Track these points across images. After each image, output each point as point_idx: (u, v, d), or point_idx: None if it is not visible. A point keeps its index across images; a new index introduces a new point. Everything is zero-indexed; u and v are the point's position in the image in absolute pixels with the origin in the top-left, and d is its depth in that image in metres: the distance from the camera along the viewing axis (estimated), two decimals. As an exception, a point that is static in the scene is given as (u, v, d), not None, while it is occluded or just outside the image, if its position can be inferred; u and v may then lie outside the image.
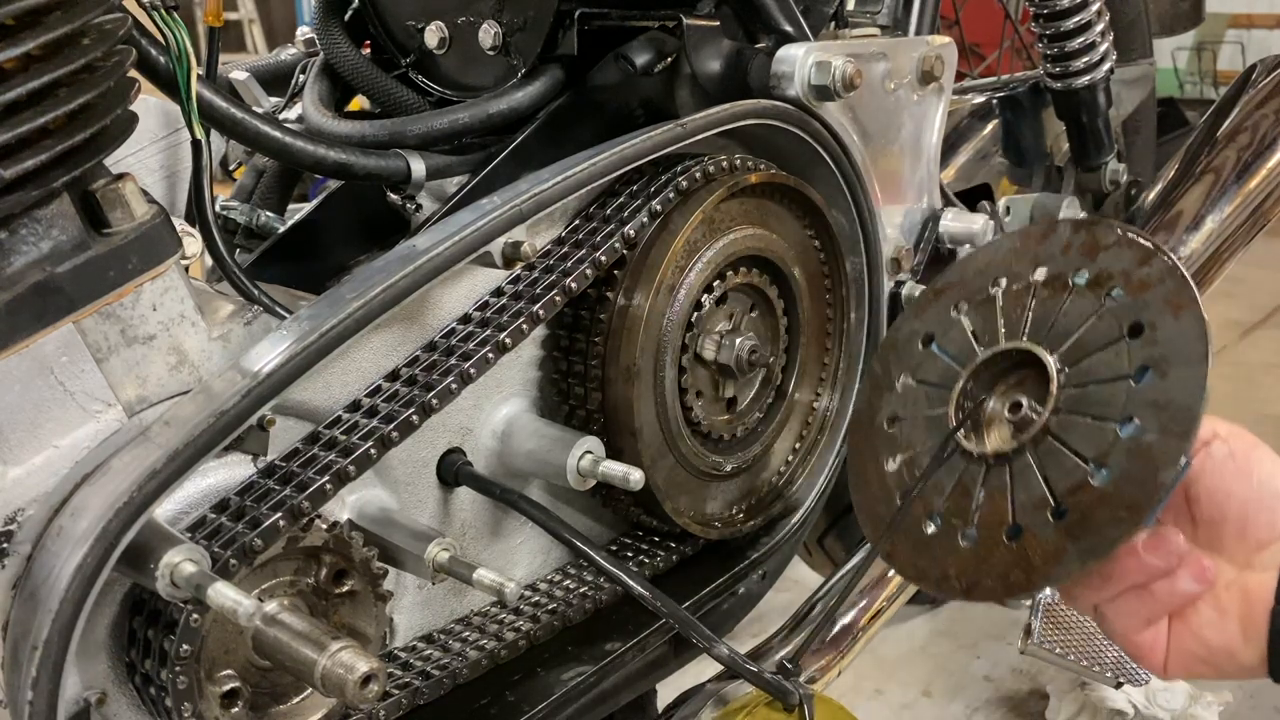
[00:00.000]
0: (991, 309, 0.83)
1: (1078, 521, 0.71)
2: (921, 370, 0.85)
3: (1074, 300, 0.79)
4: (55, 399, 0.74)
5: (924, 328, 0.86)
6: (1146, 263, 0.77)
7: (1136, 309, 0.75)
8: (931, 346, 0.85)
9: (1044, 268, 0.82)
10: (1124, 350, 0.75)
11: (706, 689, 1.05)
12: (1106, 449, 0.72)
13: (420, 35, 1.12)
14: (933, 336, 0.85)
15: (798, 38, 1.10)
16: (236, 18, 6.77)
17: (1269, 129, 1.54)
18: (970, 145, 1.55)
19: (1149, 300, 0.75)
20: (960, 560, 0.76)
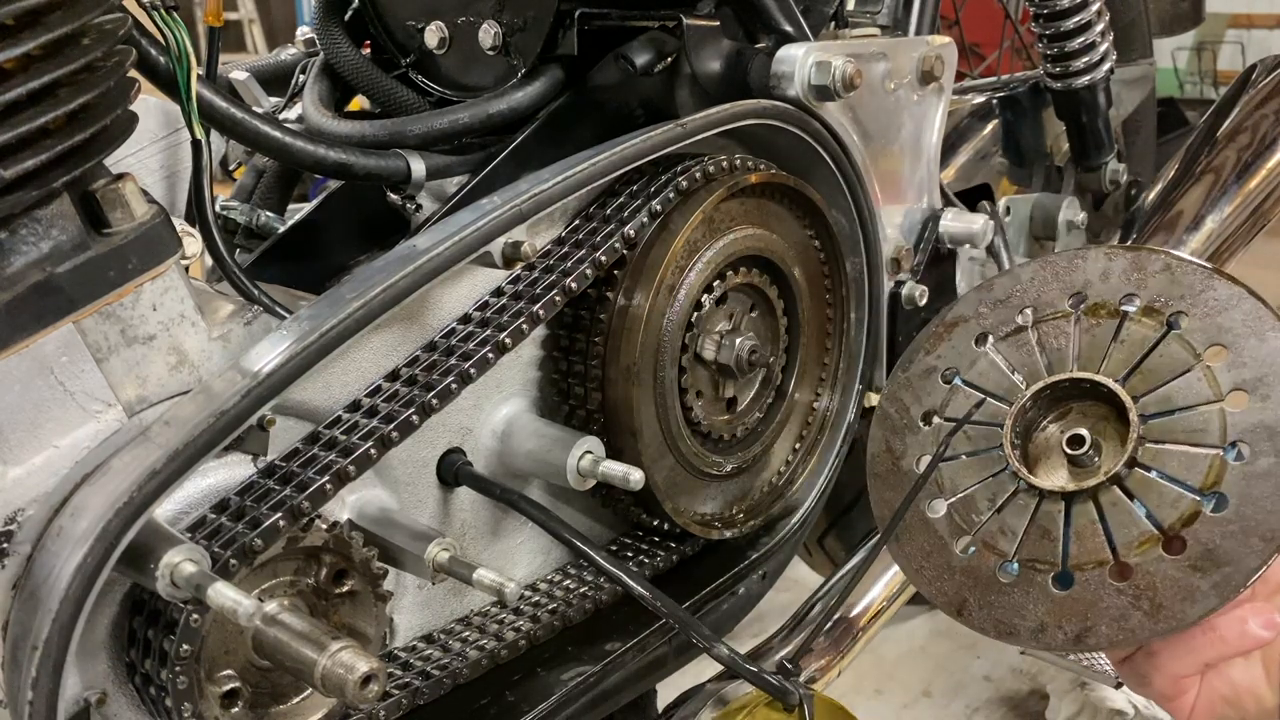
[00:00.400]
0: (1026, 341, 0.79)
1: (1202, 554, 0.67)
2: (953, 408, 0.81)
3: (1131, 329, 0.76)
4: (55, 399, 0.74)
5: (941, 363, 0.83)
6: (1210, 287, 0.74)
7: (1210, 334, 0.73)
8: (956, 382, 0.81)
9: (1081, 297, 0.79)
10: (1205, 376, 0.72)
11: (706, 689, 1.05)
12: (1215, 477, 0.68)
13: (420, 35, 1.12)
14: (956, 372, 0.82)
15: (798, 38, 1.10)
16: (236, 18, 6.77)
17: (1269, 129, 1.54)
18: (970, 145, 1.54)
19: (1224, 325, 0.73)
20: (1058, 607, 0.71)
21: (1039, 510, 0.74)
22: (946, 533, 0.77)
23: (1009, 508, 0.74)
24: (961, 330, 0.83)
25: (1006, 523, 0.74)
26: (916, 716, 1.85)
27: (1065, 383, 0.77)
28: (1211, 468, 0.68)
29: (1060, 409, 0.77)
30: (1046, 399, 0.78)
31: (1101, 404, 0.77)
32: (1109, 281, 0.78)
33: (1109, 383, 0.74)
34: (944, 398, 0.82)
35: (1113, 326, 0.77)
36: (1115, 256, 0.79)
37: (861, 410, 1.24)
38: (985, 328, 0.82)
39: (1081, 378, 0.76)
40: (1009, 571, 0.73)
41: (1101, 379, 0.75)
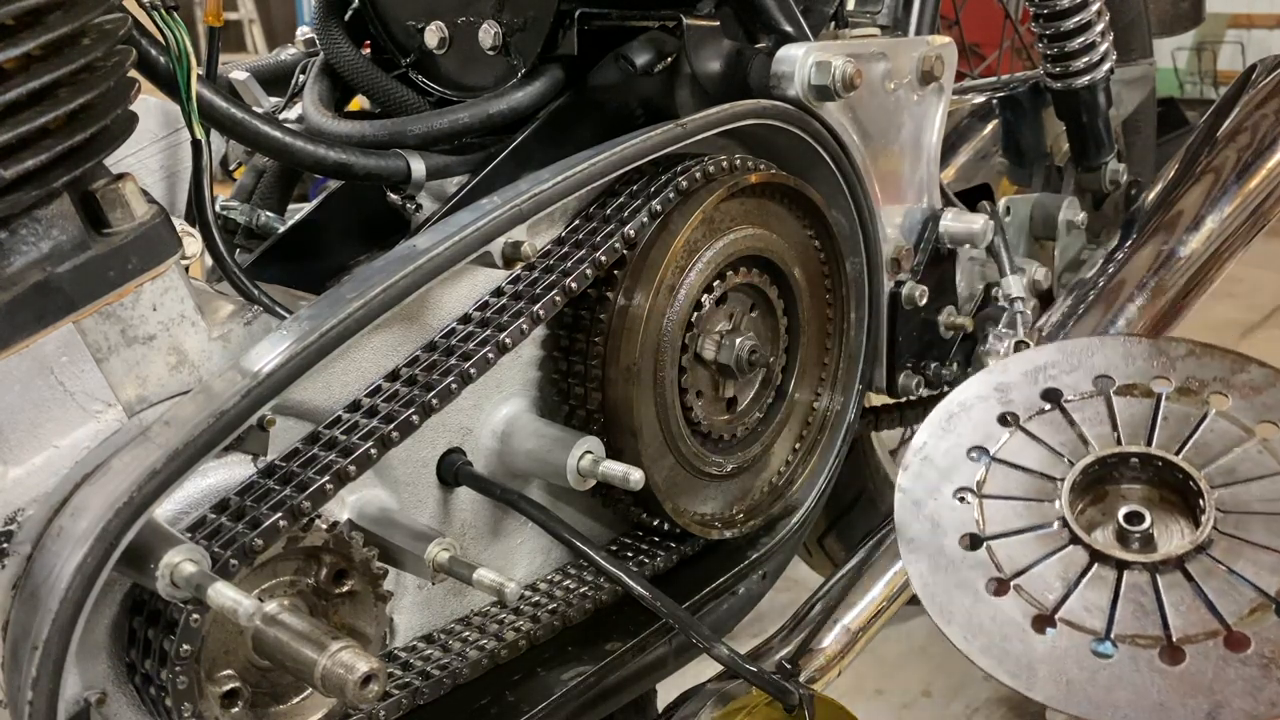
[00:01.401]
0: (1056, 420, 0.78)
1: None
2: (991, 484, 0.79)
3: (1170, 408, 0.75)
4: (55, 399, 0.74)
5: (964, 442, 0.81)
6: (1243, 370, 0.75)
7: (1257, 411, 0.73)
8: (984, 459, 0.80)
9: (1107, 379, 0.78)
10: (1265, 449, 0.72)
11: (706, 689, 1.05)
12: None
13: (420, 35, 1.12)
14: (984, 450, 0.80)
15: (798, 38, 1.10)
16: (236, 18, 6.77)
17: (1269, 129, 1.53)
18: (970, 145, 1.54)
19: (1269, 403, 0.73)
20: (1177, 684, 0.66)
21: (1124, 584, 0.71)
22: (1017, 612, 0.72)
23: (1086, 582, 0.71)
24: (982, 409, 0.82)
25: (1088, 598, 0.70)
26: (916, 716, 1.85)
27: (1112, 459, 0.75)
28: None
29: (1095, 491, 0.76)
30: (1085, 482, 0.76)
31: (1145, 485, 0.75)
32: (1134, 364, 0.78)
33: (1168, 456, 0.73)
34: (979, 475, 0.80)
35: (1148, 406, 0.76)
36: (1136, 343, 0.80)
37: (861, 410, 1.24)
38: (1011, 408, 0.81)
39: (1135, 452, 0.75)
40: (1105, 651, 0.69)
41: (1160, 452, 0.74)
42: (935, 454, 0.82)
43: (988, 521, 0.77)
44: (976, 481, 0.79)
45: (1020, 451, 0.79)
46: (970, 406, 0.83)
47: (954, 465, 0.80)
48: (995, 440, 0.80)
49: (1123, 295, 1.44)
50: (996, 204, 1.48)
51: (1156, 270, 1.46)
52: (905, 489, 0.82)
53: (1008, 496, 0.77)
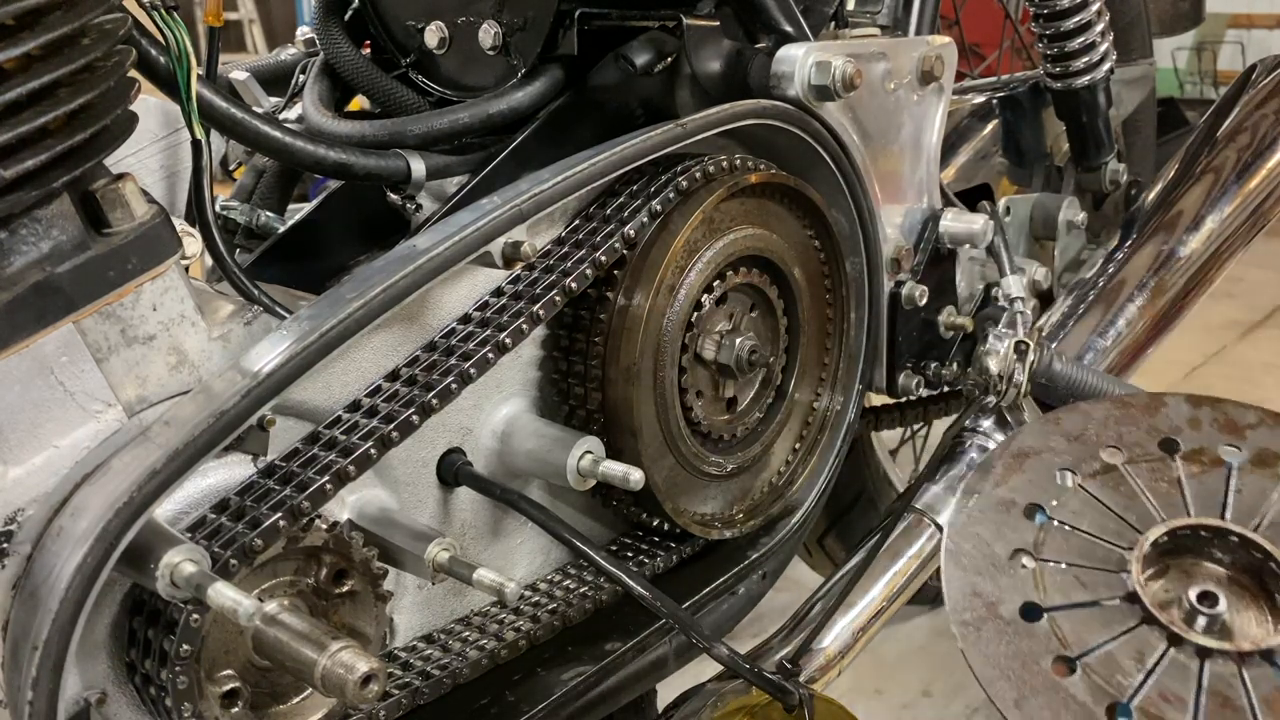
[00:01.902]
0: (1122, 481, 0.73)
1: None
2: (1051, 548, 0.72)
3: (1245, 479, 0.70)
4: (55, 399, 0.74)
5: (1020, 497, 0.75)
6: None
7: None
8: (1041, 519, 0.73)
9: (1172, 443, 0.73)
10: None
11: (706, 689, 1.05)
12: None
13: (420, 35, 1.12)
14: (1040, 508, 0.74)
15: (798, 38, 1.10)
16: (236, 18, 6.77)
17: (1269, 129, 1.54)
18: (970, 145, 1.54)
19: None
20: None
21: (1207, 674, 0.65)
22: (1089, 696, 0.65)
23: (1166, 672, 0.65)
24: (1036, 463, 0.76)
25: (1167, 687, 0.64)
26: (916, 716, 1.85)
27: (1183, 531, 0.69)
28: None
29: (1159, 565, 0.70)
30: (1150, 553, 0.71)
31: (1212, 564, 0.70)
32: (1201, 429, 0.73)
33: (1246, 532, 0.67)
34: (1035, 536, 0.73)
35: (1219, 476, 0.70)
36: (1201, 404, 0.75)
37: (861, 410, 1.24)
38: (1066, 464, 0.75)
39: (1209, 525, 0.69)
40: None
41: (1239, 528, 0.68)
42: (987, 507, 0.76)
43: (1051, 590, 0.70)
44: (1034, 543, 0.73)
45: (1080, 513, 0.73)
46: (1026, 454, 0.77)
47: (1010, 523, 0.74)
48: (1053, 498, 0.74)
49: (1123, 295, 1.44)
50: (996, 204, 1.48)
51: (1156, 270, 1.46)
52: (954, 545, 0.75)
53: (1070, 563, 0.71)
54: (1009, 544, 0.73)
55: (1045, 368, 1.22)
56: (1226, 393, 2.59)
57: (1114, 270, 1.47)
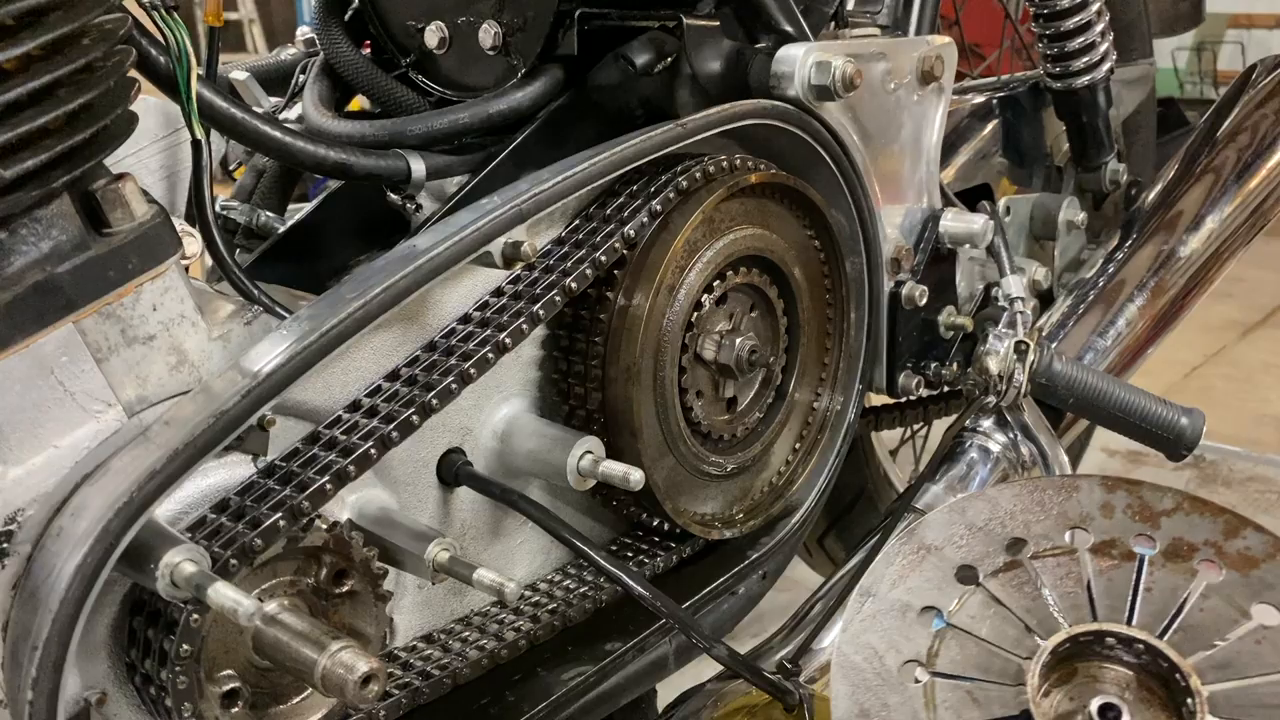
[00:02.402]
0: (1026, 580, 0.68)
1: None
2: (945, 659, 0.67)
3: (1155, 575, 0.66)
4: (55, 399, 0.74)
5: (916, 600, 0.70)
6: (1237, 534, 0.66)
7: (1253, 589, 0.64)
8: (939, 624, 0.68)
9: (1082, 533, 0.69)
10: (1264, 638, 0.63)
11: (706, 689, 1.05)
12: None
13: (420, 35, 1.12)
14: (937, 610, 0.69)
15: (798, 38, 1.10)
16: (236, 18, 6.77)
17: (1269, 129, 1.54)
18: (970, 145, 1.54)
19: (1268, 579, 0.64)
20: None
21: None
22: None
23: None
24: (937, 560, 0.71)
25: None
26: (916, 716, 1.84)
27: (1087, 637, 0.65)
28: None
29: (1062, 669, 0.66)
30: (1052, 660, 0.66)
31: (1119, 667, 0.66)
32: (1113, 517, 0.69)
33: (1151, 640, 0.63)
34: (930, 644, 0.68)
35: (1128, 572, 0.66)
36: (1115, 488, 0.70)
37: (861, 410, 1.24)
38: (968, 560, 0.70)
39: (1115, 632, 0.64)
40: None
41: (1144, 635, 0.64)
42: (882, 612, 0.70)
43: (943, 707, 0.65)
44: (928, 652, 0.67)
45: (979, 617, 0.68)
46: (926, 555, 0.72)
47: (905, 630, 0.69)
48: (952, 599, 0.69)
49: (1123, 295, 1.44)
50: (996, 204, 1.48)
51: (1156, 270, 1.46)
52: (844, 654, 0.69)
53: (964, 677, 0.66)
54: (901, 654, 0.68)
55: (1045, 368, 1.22)
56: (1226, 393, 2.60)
57: (1114, 270, 1.47)
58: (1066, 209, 1.56)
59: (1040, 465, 1.23)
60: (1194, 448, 1.24)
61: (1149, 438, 1.25)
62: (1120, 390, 1.24)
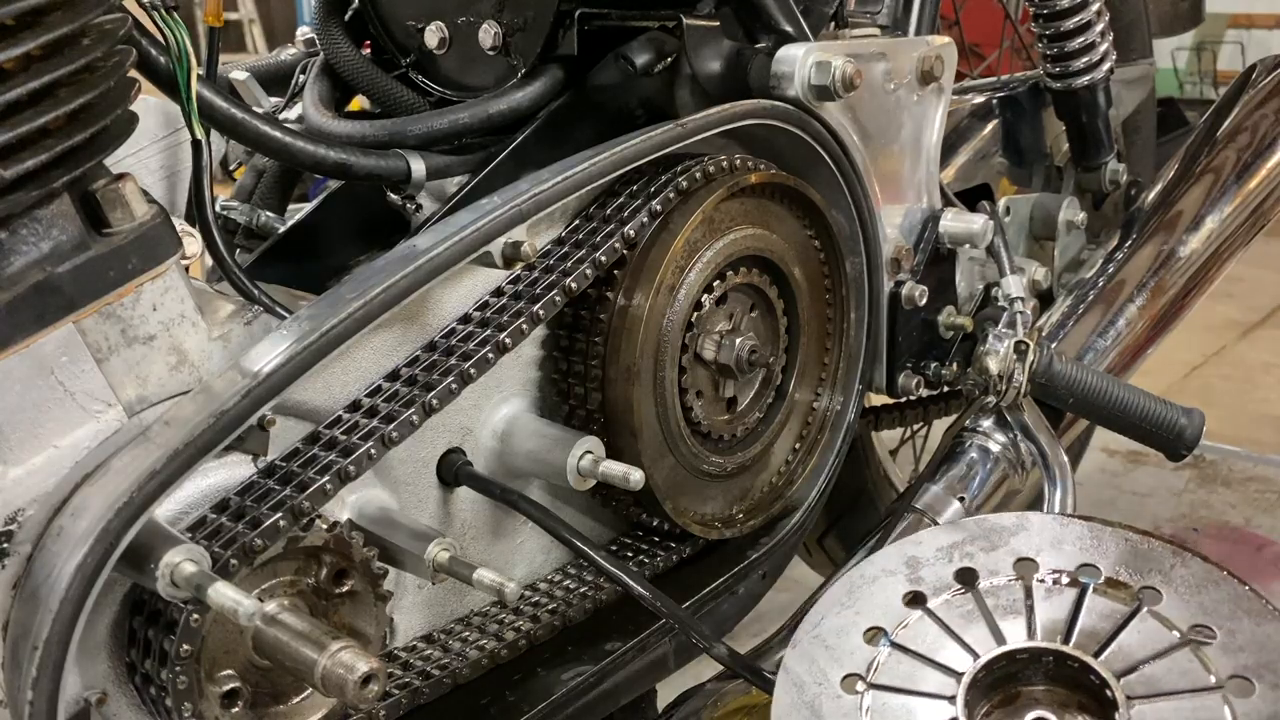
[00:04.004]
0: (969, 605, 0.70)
1: None
2: (884, 673, 0.70)
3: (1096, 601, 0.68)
4: (55, 399, 0.74)
5: (861, 620, 0.72)
6: (1182, 563, 0.68)
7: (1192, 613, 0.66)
8: (883, 643, 0.71)
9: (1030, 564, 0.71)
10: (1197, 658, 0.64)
11: (706, 689, 1.05)
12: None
13: (420, 35, 1.12)
14: (882, 631, 0.72)
15: (798, 38, 1.10)
16: (236, 18, 6.77)
17: (1269, 129, 1.54)
18: (970, 145, 1.54)
19: (1206, 604, 0.66)
20: None
21: None
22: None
23: None
24: (887, 584, 0.73)
25: None
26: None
27: (1022, 656, 0.67)
28: None
29: (1005, 691, 0.67)
30: (991, 679, 0.68)
31: (1059, 687, 0.67)
32: (1061, 549, 0.70)
33: (1084, 657, 0.65)
34: (869, 660, 0.70)
35: (1072, 596, 0.68)
36: (1068, 524, 0.72)
37: (861, 410, 1.24)
38: (917, 586, 0.73)
39: (1048, 649, 0.66)
40: None
41: (1075, 652, 0.66)
42: (829, 631, 0.73)
43: (872, 713, 0.68)
44: (868, 667, 0.70)
45: (922, 638, 0.70)
46: (875, 580, 0.74)
47: (847, 647, 0.71)
48: (897, 622, 0.71)
49: (1123, 295, 1.44)
50: (996, 204, 1.48)
51: (1156, 270, 1.46)
52: (789, 668, 0.72)
53: (900, 689, 0.68)
54: (843, 669, 0.71)
55: (1045, 368, 1.22)
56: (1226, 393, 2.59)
57: (1114, 270, 1.47)
58: (1066, 209, 1.56)
59: (1040, 465, 1.23)
60: (1194, 448, 1.24)
61: (1149, 438, 1.25)
62: (1120, 390, 1.24)
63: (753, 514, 1.15)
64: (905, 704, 0.67)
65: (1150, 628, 0.66)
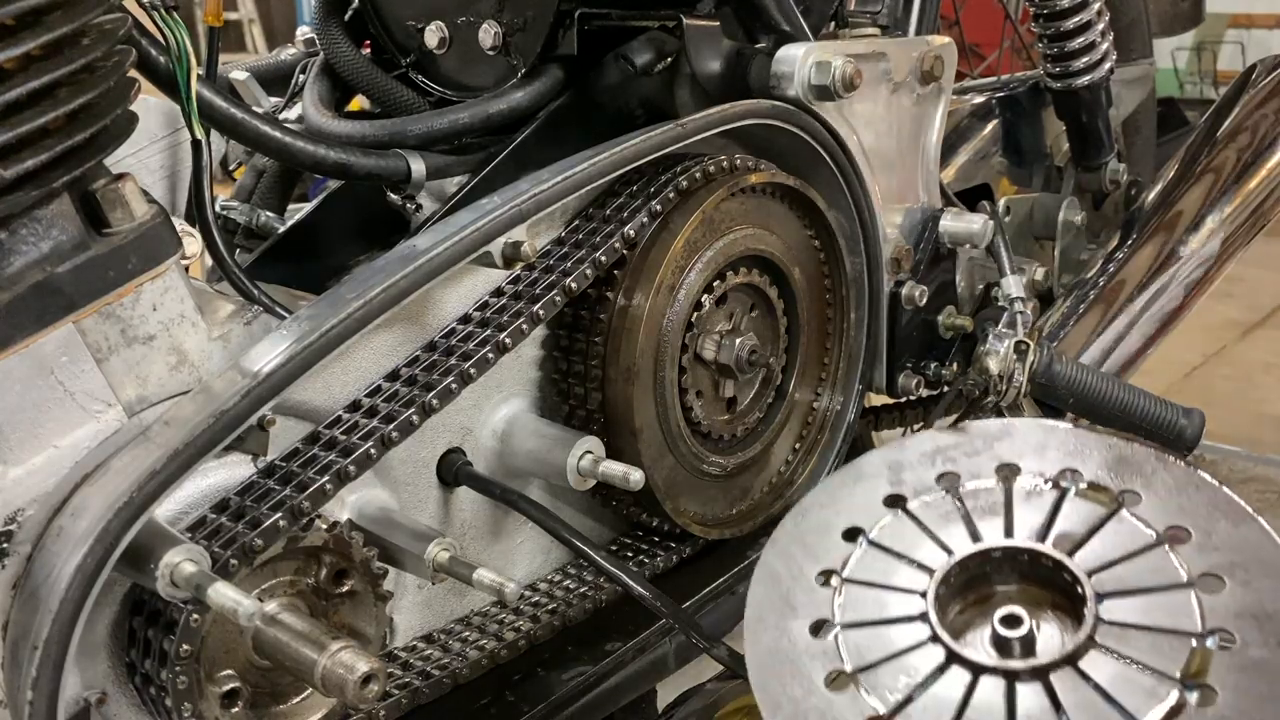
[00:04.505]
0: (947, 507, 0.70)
1: None
2: (859, 568, 0.70)
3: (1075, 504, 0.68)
4: (55, 399, 0.74)
5: (840, 520, 0.73)
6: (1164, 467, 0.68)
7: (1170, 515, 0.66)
8: (859, 541, 0.71)
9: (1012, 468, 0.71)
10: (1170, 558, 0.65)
11: (706, 689, 1.05)
12: (1196, 666, 0.60)
13: (420, 35, 1.12)
14: (860, 531, 0.72)
15: (798, 38, 1.10)
16: (236, 18, 6.77)
17: (1269, 129, 1.54)
18: (970, 145, 1.54)
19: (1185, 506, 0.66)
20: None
21: (973, 692, 0.63)
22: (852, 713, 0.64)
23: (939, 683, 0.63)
24: (869, 486, 0.74)
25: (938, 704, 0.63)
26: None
27: (996, 554, 0.67)
28: (1192, 657, 0.60)
29: (981, 590, 0.68)
30: (965, 577, 0.68)
31: (1035, 587, 0.68)
32: (1045, 455, 0.70)
33: (1055, 554, 0.65)
34: (845, 556, 0.71)
35: (1052, 499, 0.68)
36: (1053, 430, 0.72)
37: (861, 410, 1.24)
38: (898, 489, 0.73)
39: (1021, 547, 0.67)
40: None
41: (1047, 549, 0.66)
42: (808, 530, 0.74)
43: (848, 609, 0.68)
44: (844, 563, 0.70)
45: (899, 537, 0.71)
46: (857, 483, 0.75)
47: (825, 545, 0.72)
48: (876, 522, 0.72)
49: (1123, 295, 1.44)
50: (996, 204, 1.48)
51: (1156, 270, 1.46)
52: (767, 563, 0.73)
53: (874, 584, 0.69)
54: (819, 564, 0.71)
55: (1045, 368, 1.22)
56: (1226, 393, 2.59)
57: (1114, 270, 1.46)
58: (1066, 209, 1.56)
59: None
60: (1194, 448, 1.24)
61: (1149, 438, 1.25)
62: (1120, 390, 1.24)
63: (753, 514, 1.15)
64: (878, 597, 0.68)
65: (1127, 529, 0.66)
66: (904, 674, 0.64)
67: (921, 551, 0.69)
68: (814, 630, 0.68)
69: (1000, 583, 0.68)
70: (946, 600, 0.67)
